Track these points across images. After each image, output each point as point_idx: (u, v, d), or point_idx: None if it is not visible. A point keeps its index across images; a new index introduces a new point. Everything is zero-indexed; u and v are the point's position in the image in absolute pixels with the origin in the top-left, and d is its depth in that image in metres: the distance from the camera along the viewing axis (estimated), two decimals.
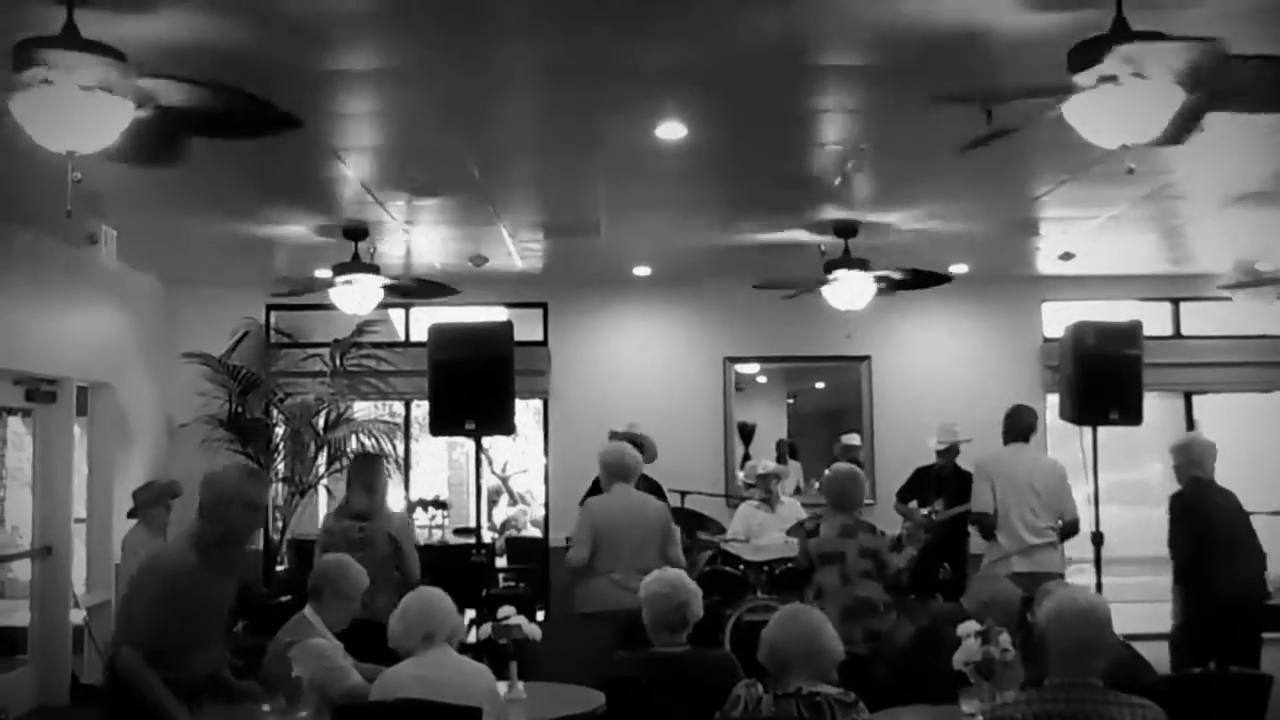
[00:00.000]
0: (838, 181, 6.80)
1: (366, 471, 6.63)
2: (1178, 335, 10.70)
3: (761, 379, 11.33)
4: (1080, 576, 8.98)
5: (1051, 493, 7.02)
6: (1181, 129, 4.09)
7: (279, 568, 9.57)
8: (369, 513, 6.30)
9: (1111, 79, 3.74)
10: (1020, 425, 7.32)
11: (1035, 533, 6.96)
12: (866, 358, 10.52)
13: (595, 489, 7.65)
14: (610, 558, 6.21)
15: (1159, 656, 5.88)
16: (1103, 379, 7.43)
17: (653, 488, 8.31)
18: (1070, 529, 7.10)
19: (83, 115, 3.72)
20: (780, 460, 10.35)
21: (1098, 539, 7.65)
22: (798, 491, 10.03)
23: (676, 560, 6.26)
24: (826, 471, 6.88)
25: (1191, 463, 6.58)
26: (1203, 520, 6.40)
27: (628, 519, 6.33)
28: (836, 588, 6.03)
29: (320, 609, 4.73)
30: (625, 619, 5.43)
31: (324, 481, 10.05)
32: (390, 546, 6.15)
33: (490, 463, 9.90)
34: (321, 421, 9.82)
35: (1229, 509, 6.52)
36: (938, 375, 10.24)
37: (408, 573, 6.10)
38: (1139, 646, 4.91)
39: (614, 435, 8.38)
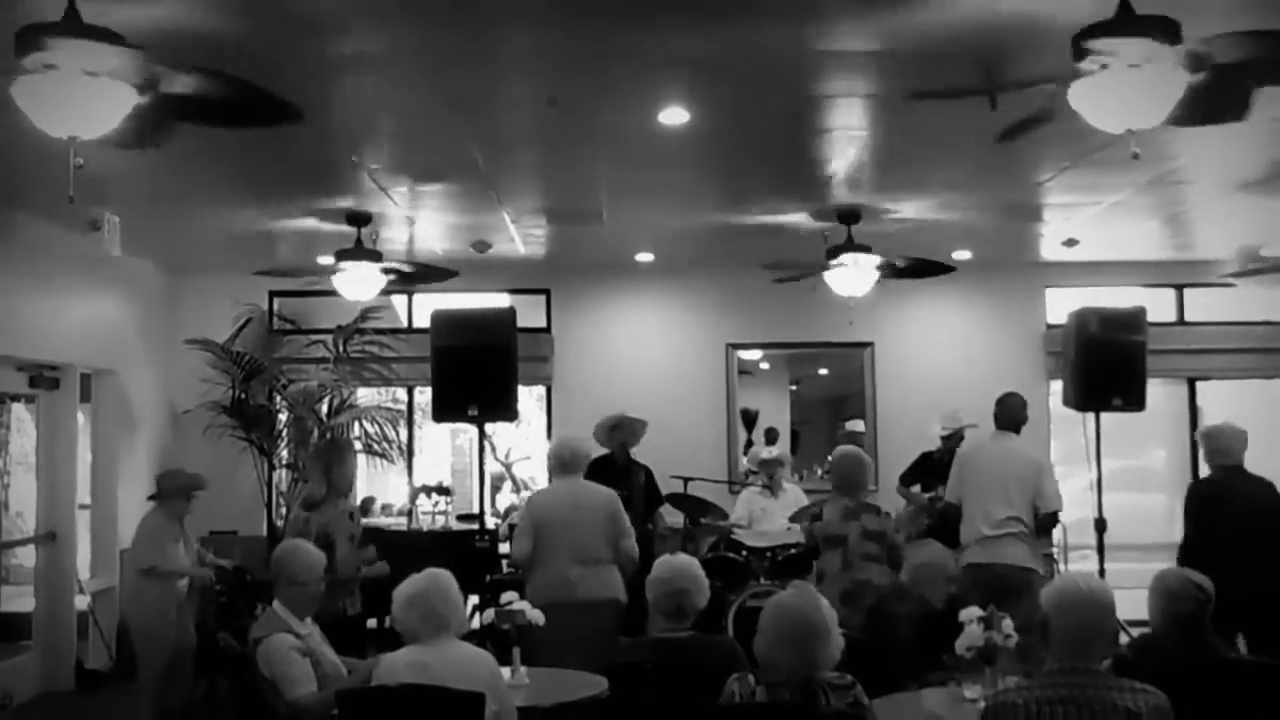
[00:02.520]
0: (837, 171, 6.79)
1: (324, 457, 6.52)
2: (1181, 322, 10.69)
3: (764, 365, 11.33)
4: (1083, 563, 9.03)
5: (1025, 485, 6.68)
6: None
7: None
8: (318, 501, 6.23)
9: (1117, 64, 3.73)
10: (1010, 414, 6.99)
11: (994, 524, 6.64)
12: (869, 344, 10.51)
13: (590, 473, 7.62)
14: (553, 550, 6.05)
15: None
16: (1106, 365, 7.42)
17: (646, 473, 8.33)
18: (1045, 521, 6.78)
19: (84, 101, 3.71)
20: (770, 443, 10.36)
21: (1100, 525, 7.65)
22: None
23: (629, 550, 6.13)
24: (830, 455, 6.82)
25: (1216, 450, 6.40)
26: (1216, 510, 6.25)
27: (570, 510, 6.15)
28: (837, 571, 6.02)
29: (283, 598, 4.69)
30: (568, 610, 5.45)
31: None
32: (321, 537, 5.90)
33: (493, 449, 9.91)
34: (325, 408, 9.82)
35: (1256, 499, 6.27)
36: (941, 362, 10.23)
37: (335, 567, 5.70)
38: (1141, 633, 4.91)
39: (607, 420, 8.33)
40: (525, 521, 6.25)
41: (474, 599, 7.74)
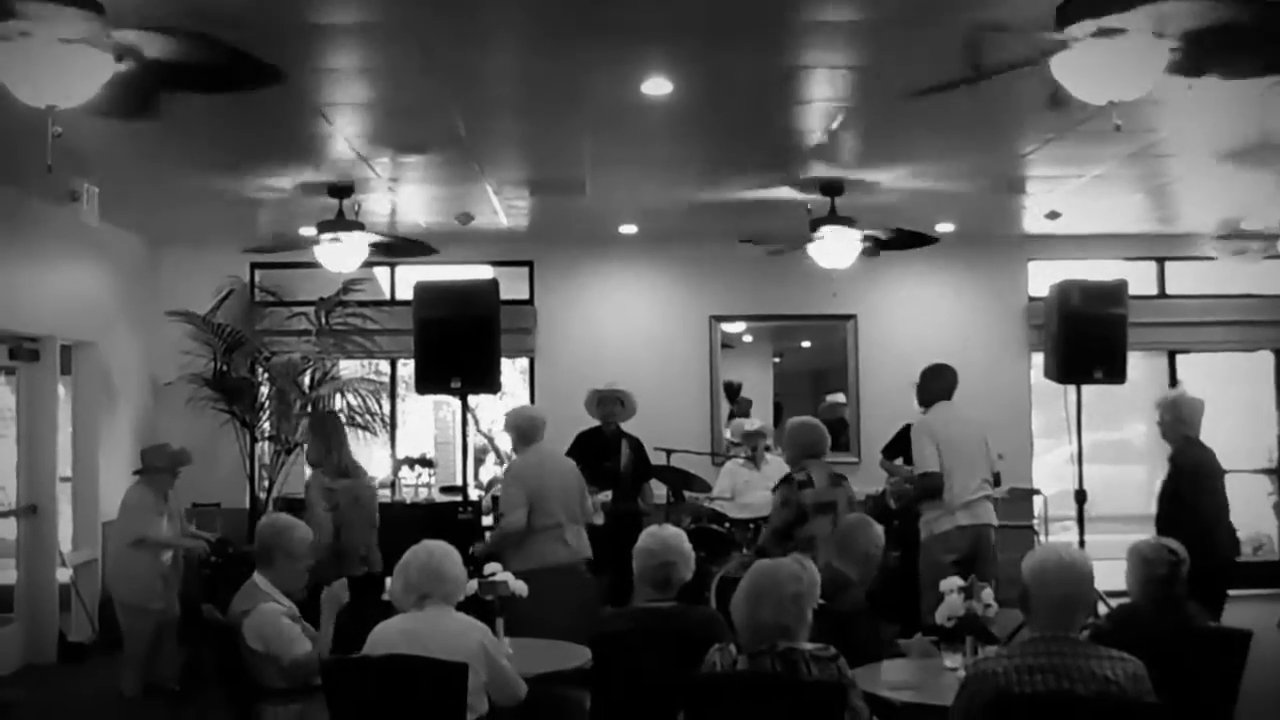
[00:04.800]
0: (826, 136, 6.78)
1: (325, 435, 6.67)
2: (1162, 294, 10.73)
3: (748, 338, 11.34)
4: (1063, 534, 9.09)
5: (984, 447, 7.03)
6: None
7: None
8: (352, 470, 6.34)
9: (1100, 34, 3.73)
10: (950, 384, 7.24)
11: (972, 489, 6.90)
12: (852, 316, 10.52)
13: (574, 448, 7.69)
14: (547, 514, 6.27)
15: None
16: (1087, 338, 7.46)
17: (634, 445, 8.33)
18: (995, 481, 7.19)
19: (62, 69, 3.68)
20: (743, 415, 10.36)
21: (1081, 497, 7.70)
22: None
23: (590, 515, 6.53)
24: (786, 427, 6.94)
25: (1181, 420, 6.49)
26: (1191, 481, 6.35)
27: (553, 474, 6.44)
28: (829, 535, 5.98)
29: (270, 573, 4.63)
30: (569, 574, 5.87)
31: None
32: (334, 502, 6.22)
33: (476, 421, 9.89)
34: (307, 380, 9.80)
35: (1211, 469, 6.46)
36: (923, 334, 10.25)
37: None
38: (1120, 603, 4.96)
39: (595, 393, 8.36)
40: (517, 493, 6.27)
41: None
